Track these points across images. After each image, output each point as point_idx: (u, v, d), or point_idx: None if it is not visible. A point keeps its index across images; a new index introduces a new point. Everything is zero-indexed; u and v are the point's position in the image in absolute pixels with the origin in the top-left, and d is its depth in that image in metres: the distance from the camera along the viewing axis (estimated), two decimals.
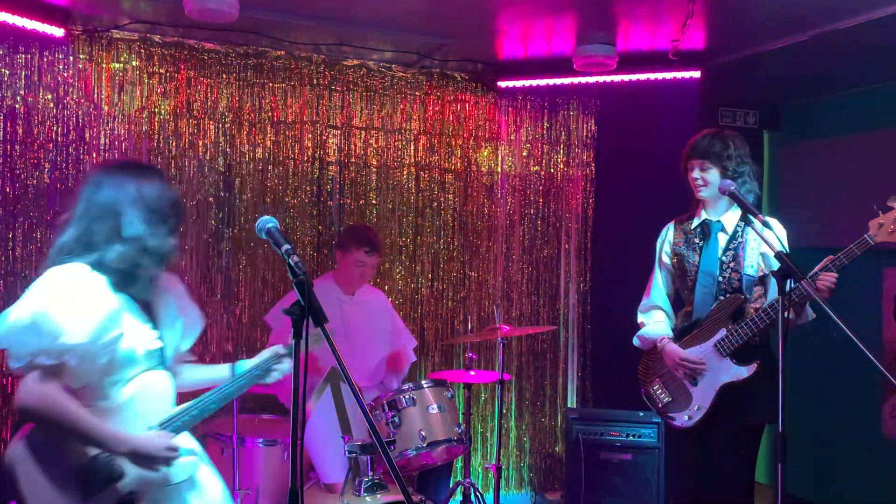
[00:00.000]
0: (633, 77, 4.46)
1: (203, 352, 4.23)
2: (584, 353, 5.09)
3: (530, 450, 5.02)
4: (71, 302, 1.95)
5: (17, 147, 3.90)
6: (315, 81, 4.52)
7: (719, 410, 2.98)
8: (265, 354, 2.31)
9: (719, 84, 4.56)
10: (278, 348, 2.31)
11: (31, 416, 2.01)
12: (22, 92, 3.90)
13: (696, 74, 4.40)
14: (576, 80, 4.56)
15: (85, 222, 2.07)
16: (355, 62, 4.60)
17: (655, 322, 3.20)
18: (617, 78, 4.48)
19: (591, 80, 4.53)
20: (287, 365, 2.29)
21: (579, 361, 5.09)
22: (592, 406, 4.93)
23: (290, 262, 2.00)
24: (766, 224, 2.64)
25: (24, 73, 3.90)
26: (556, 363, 5.08)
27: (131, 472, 2.03)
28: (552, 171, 5.08)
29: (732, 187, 2.86)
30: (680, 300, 3.19)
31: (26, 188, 3.91)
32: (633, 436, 4.28)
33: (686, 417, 3.04)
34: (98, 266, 2.04)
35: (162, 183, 2.16)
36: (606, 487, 4.27)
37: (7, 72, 3.87)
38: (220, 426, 3.54)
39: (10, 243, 3.89)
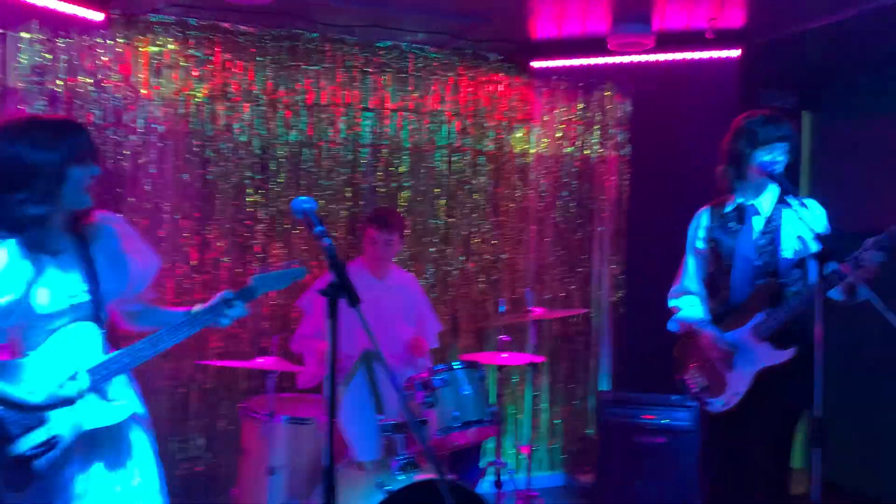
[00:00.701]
0: (670, 57, 4.39)
1: (240, 331, 4.30)
2: (618, 337, 5.06)
3: (562, 432, 5.02)
4: None
5: None
6: (348, 63, 4.52)
7: (755, 396, 2.94)
8: (215, 300, 2.31)
9: (759, 63, 4.47)
10: (226, 293, 2.31)
11: None
12: (63, 76, 3.97)
13: (736, 53, 4.32)
14: (611, 60, 4.50)
15: None
16: (388, 44, 4.59)
17: (690, 306, 3.17)
18: (653, 58, 4.42)
19: (627, 59, 4.47)
20: (238, 310, 2.30)
21: (613, 344, 5.06)
22: (626, 389, 4.91)
23: (323, 243, 2.02)
24: (805, 206, 2.59)
25: (64, 58, 3.97)
26: (589, 346, 5.06)
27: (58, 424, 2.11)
28: (586, 152, 5.04)
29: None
30: (714, 286, 3.14)
31: None
32: (668, 419, 4.25)
33: (722, 403, 3.01)
34: (5, 229, 2.08)
35: (32, 142, 2.08)
36: (640, 471, 4.25)
37: (49, 56, 3.94)
38: (256, 404, 3.61)
39: None
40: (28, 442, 2.09)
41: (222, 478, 4.22)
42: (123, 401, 2.27)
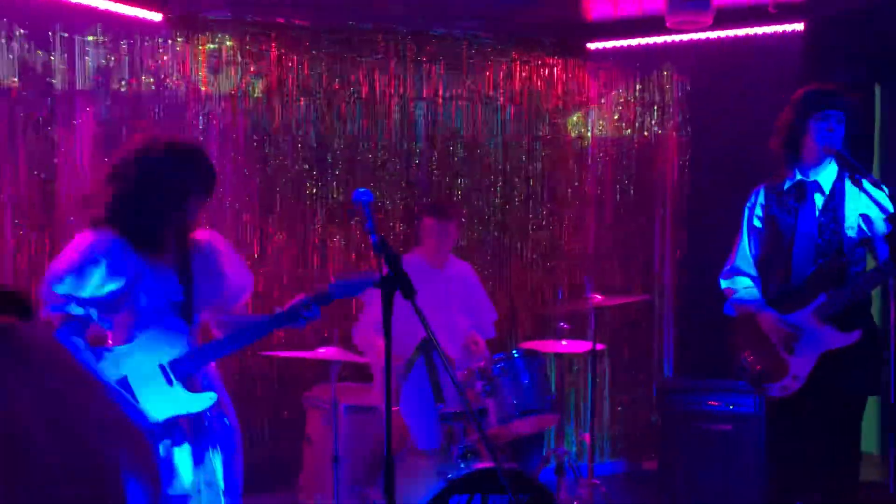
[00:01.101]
0: (730, 33, 4.26)
1: None
2: (681, 322, 4.96)
3: (625, 419, 4.97)
4: (89, 263, 2.27)
5: (124, 129, 4.10)
6: (402, 54, 4.53)
7: (818, 380, 2.84)
8: (293, 304, 2.53)
9: (824, 37, 4.29)
10: (304, 299, 2.52)
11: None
12: (126, 77, 4.09)
13: (799, 27, 4.16)
14: (669, 38, 4.39)
15: (113, 192, 2.37)
16: (441, 32, 4.58)
17: (745, 288, 3.08)
18: (713, 35, 4.29)
19: (686, 37, 4.36)
20: (313, 314, 2.50)
21: (675, 330, 4.97)
22: (689, 375, 4.82)
23: (371, 239, 2.07)
24: (878, 184, 2.49)
25: (127, 59, 4.09)
26: (651, 332, 4.98)
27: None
28: (645, 134, 4.93)
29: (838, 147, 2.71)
30: (771, 266, 3.04)
31: None
32: (733, 405, 4.16)
33: (781, 387, 2.92)
34: (120, 231, 2.33)
35: (178, 161, 2.38)
36: (704, 458, 4.17)
37: (113, 58, 4.06)
38: (319, 393, 3.67)
39: None
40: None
41: (288, 466, 4.31)
42: (208, 391, 2.47)
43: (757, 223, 3.07)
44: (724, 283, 3.15)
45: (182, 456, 2.38)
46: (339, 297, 2.56)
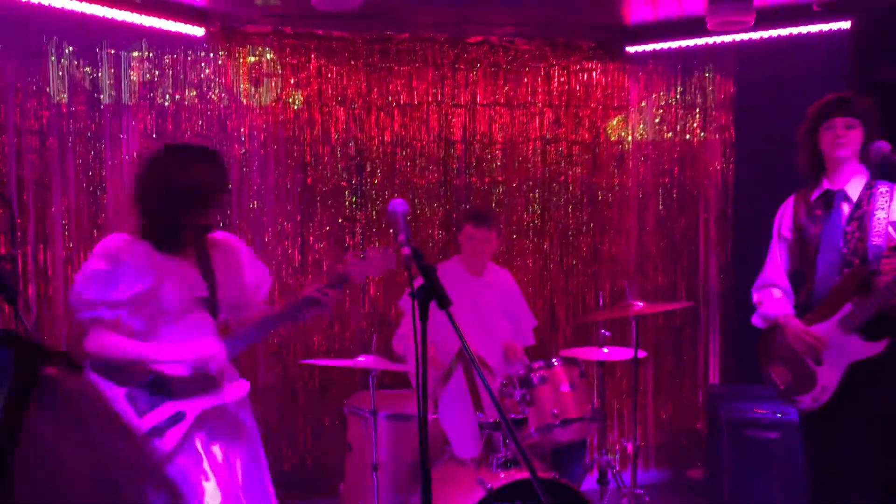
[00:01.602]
0: (774, 33, 4.16)
1: (341, 330, 4.41)
2: (727, 328, 4.86)
3: (669, 427, 4.88)
4: (114, 267, 2.34)
5: (168, 142, 4.19)
6: (439, 61, 4.54)
7: (848, 392, 2.77)
8: (311, 289, 2.58)
9: (873, 34, 4.16)
10: (322, 284, 2.58)
11: (102, 362, 2.35)
12: (170, 90, 4.18)
13: (846, 25, 4.04)
14: (710, 40, 4.32)
15: (133, 196, 2.45)
16: (478, 39, 4.58)
17: (775, 299, 3.03)
18: (756, 35, 4.20)
19: (728, 39, 4.28)
20: (332, 295, 2.55)
21: (721, 336, 4.87)
22: (736, 382, 4.72)
23: (403, 251, 2.07)
24: None
25: (170, 73, 4.18)
26: (696, 339, 4.89)
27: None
28: (687, 137, 4.86)
29: (888, 150, 2.63)
30: (799, 276, 2.98)
31: None
32: (781, 413, 4.06)
33: (811, 399, 2.85)
34: (142, 233, 2.40)
35: (195, 166, 2.43)
36: (752, 466, 4.08)
37: (157, 72, 4.16)
38: (359, 401, 3.69)
39: None
40: (155, 417, 2.34)
41: (329, 473, 4.35)
42: (237, 381, 2.55)
43: (786, 234, 3.04)
44: (755, 295, 3.13)
45: (215, 444, 2.45)
46: (355, 276, 2.60)
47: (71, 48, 4.00)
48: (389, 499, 3.48)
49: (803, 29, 4.11)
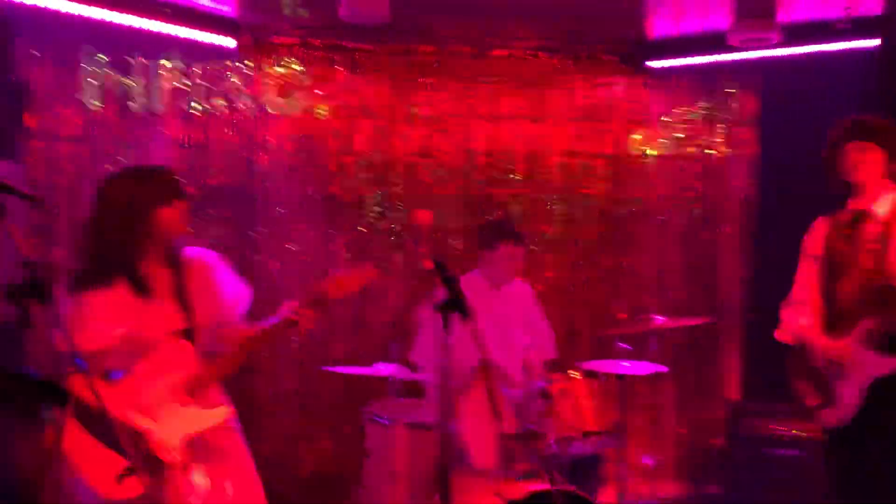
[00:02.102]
0: (799, 50, 4.16)
1: (363, 338, 4.45)
2: (747, 345, 4.84)
3: (688, 442, 4.86)
4: (90, 318, 2.34)
5: (197, 150, 4.27)
6: (463, 74, 4.59)
7: (870, 409, 2.76)
8: (287, 309, 2.53)
9: None
10: (291, 307, 2.51)
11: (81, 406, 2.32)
12: (199, 100, 4.26)
13: (874, 43, 4.03)
14: (734, 56, 4.32)
15: (95, 235, 2.44)
16: (502, 52, 4.62)
17: (801, 315, 3.04)
18: (780, 52, 4.20)
19: (752, 55, 4.28)
20: (306, 316, 2.49)
21: (741, 353, 4.85)
22: (756, 399, 4.69)
23: (426, 264, 2.10)
24: None
25: (200, 83, 4.26)
26: (716, 354, 4.87)
27: None
28: (709, 152, 4.86)
29: None
30: (828, 293, 2.99)
31: (204, 188, 4.27)
32: (802, 430, 4.04)
33: (834, 417, 2.85)
34: (109, 278, 2.39)
35: (130, 181, 2.45)
36: (772, 484, 4.06)
37: (187, 81, 4.24)
38: (379, 409, 3.71)
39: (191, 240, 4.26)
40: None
41: (348, 479, 4.37)
42: (220, 406, 2.55)
43: (815, 252, 3.05)
44: (783, 312, 3.13)
45: (201, 470, 2.46)
46: (332, 294, 2.54)
47: (104, 57, 4.09)
48: None
49: (830, 46, 4.10)
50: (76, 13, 3.58)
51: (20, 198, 1.81)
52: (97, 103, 4.09)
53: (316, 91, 4.41)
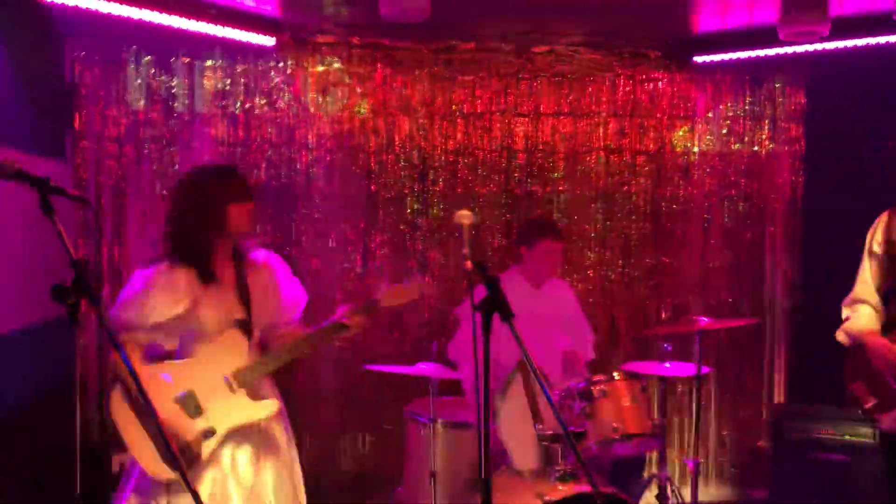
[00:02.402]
0: (849, 44, 4.04)
1: (402, 337, 4.46)
2: (793, 346, 4.73)
3: (731, 445, 4.78)
4: (151, 292, 2.50)
5: (239, 149, 4.31)
6: (503, 71, 4.56)
7: None
8: (337, 316, 2.68)
9: None
10: (347, 311, 2.67)
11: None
12: (241, 99, 4.30)
13: None
14: (781, 50, 4.22)
15: (171, 223, 2.60)
16: (543, 48, 4.57)
17: (860, 316, 2.95)
18: (830, 45, 4.09)
19: (800, 49, 4.17)
20: (357, 322, 2.64)
21: (787, 354, 4.74)
22: (802, 402, 4.59)
23: (465, 265, 2.10)
24: None
25: (242, 82, 4.30)
26: (761, 356, 4.77)
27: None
28: (756, 148, 4.76)
29: None
30: (889, 293, 2.90)
31: None
32: (851, 435, 3.94)
33: (892, 420, 2.77)
34: (178, 258, 2.54)
35: (206, 179, 2.59)
36: (818, 489, 3.96)
37: (229, 81, 4.29)
38: (419, 408, 3.72)
39: None
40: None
41: (388, 477, 4.39)
42: (270, 399, 2.63)
43: (877, 249, 2.96)
44: (844, 311, 3.05)
45: (244, 459, 2.56)
46: (386, 305, 2.71)
47: (149, 57, 4.15)
48: None
49: (881, 39, 3.98)
50: (122, 14, 3.64)
51: (70, 199, 1.85)
52: (141, 103, 4.16)
53: (356, 89, 4.43)
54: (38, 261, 3.35)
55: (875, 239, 2.98)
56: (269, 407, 2.62)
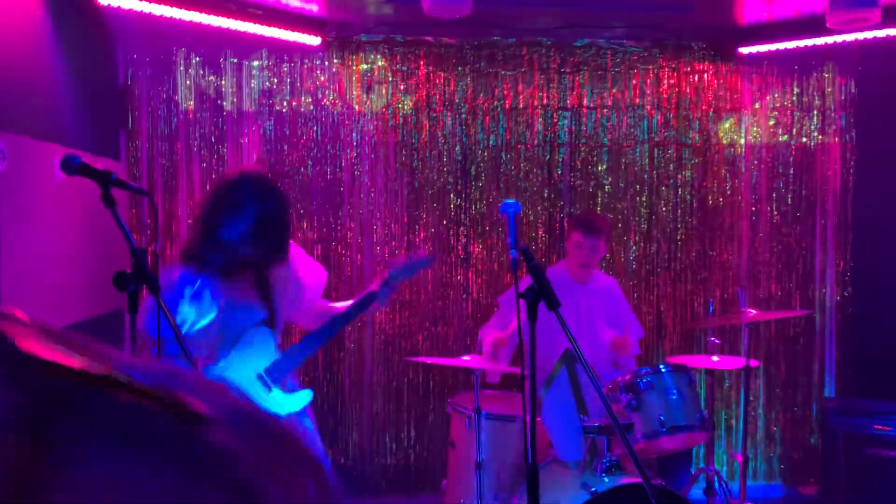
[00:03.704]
0: None
1: (445, 329, 4.49)
2: (845, 339, 4.64)
3: (781, 440, 4.70)
4: (181, 303, 2.40)
5: (285, 147, 4.39)
6: (545, 65, 4.56)
7: None
8: (362, 296, 2.76)
9: None
10: (370, 291, 2.75)
11: None
12: (287, 97, 4.38)
13: None
14: (830, 39, 4.14)
15: (202, 227, 2.50)
16: (585, 42, 4.56)
17: None
18: (881, 33, 4.00)
19: (849, 37, 4.09)
20: (382, 301, 2.74)
21: (838, 348, 4.65)
22: (854, 396, 4.50)
23: (510, 255, 2.12)
24: None
25: (288, 81, 4.38)
26: (811, 349, 4.69)
27: None
28: (804, 140, 4.68)
29: None
30: None
31: (293, 183, 4.40)
32: None
33: None
34: (203, 263, 2.44)
35: (266, 203, 2.49)
36: (872, 487, 3.89)
37: (275, 80, 4.37)
38: (463, 400, 3.74)
39: None
40: None
41: (433, 469, 4.43)
42: (302, 391, 2.66)
43: None
44: None
45: None
46: (399, 280, 2.80)
47: (197, 58, 4.26)
48: (491, 497, 3.52)
49: None
50: (172, 16, 3.74)
51: (131, 191, 1.92)
52: (191, 102, 4.26)
53: (400, 86, 4.47)
54: (94, 258, 3.47)
55: None
56: (305, 396, 2.64)
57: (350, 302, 2.77)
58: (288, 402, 2.60)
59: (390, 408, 4.49)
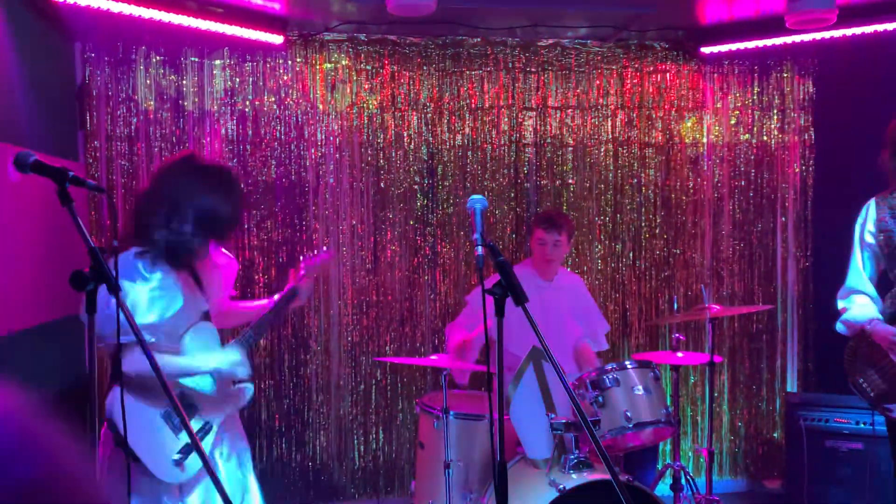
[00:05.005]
0: (857, 31, 4.04)
1: (413, 330, 4.47)
2: (806, 335, 4.73)
3: (745, 435, 4.77)
4: (139, 291, 2.31)
5: (248, 146, 4.34)
6: (510, 65, 4.57)
7: None
8: (288, 289, 2.84)
9: None
10: (293, 287, 2.83)
11: (134, 380, 2.28)
12: (250, 97, 4.32)
13: None
14: (789, 39, 4.21)
15: (153, 209, 2.38)
16: (550, 42, 4.59)
17: (859, 305, 2.94)
18: (838, 33, 4.08)
19: (808, 37, 4.17)
20: (300, 294, 2.83)
21: (800, 343, 4.74)
22: (816, 390, 4.58)
23: (476, 252, 2.10)
24: None
25: (251, 80, 4.32)
26: (774, 345, 4.77)
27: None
28: (765, 138, 4.75)
29: None
30: (886, 281, 2.90)
31: (257, 183, 4.34)
32: (865, 423, 3.92)
33: None
34: (152, 249, 2.35)
35: (219, 189, 2.43)
36: (833, 478, 3.96)
37: (237, 79, 4.31)
38: (431, 400, 3.73)
39: (246, 235, 4.34)
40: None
41: (402, 470, 4.40)
42: (250, 383, 2.62)
43: (869, 238, 2.96)
44: (840, 303, 3.05)
45: (227, 453, 2.57)
46: (313, 273, 2.90)
47: (158, 57, 4.18)
48: (460, 497, 3.50)
49: (889, 26, 3.97)
50: (133, 14, 3.66)
51: (89, 189, 1.87)
52: (151, 102, 4.19)
53: (364, 85, 4.44)
54: (50, 261, 3.38)
55: (867, 229, 2.98)
56: (251, 392, 2.62)
57: (278, 296, 2.82)
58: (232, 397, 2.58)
59: (358, 409, 4.46)
